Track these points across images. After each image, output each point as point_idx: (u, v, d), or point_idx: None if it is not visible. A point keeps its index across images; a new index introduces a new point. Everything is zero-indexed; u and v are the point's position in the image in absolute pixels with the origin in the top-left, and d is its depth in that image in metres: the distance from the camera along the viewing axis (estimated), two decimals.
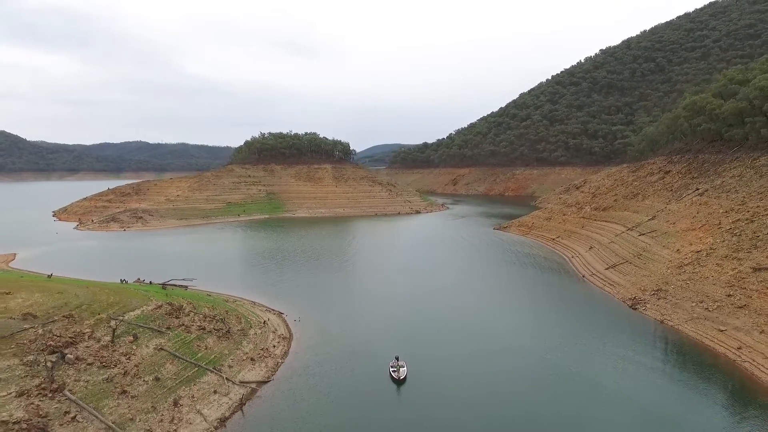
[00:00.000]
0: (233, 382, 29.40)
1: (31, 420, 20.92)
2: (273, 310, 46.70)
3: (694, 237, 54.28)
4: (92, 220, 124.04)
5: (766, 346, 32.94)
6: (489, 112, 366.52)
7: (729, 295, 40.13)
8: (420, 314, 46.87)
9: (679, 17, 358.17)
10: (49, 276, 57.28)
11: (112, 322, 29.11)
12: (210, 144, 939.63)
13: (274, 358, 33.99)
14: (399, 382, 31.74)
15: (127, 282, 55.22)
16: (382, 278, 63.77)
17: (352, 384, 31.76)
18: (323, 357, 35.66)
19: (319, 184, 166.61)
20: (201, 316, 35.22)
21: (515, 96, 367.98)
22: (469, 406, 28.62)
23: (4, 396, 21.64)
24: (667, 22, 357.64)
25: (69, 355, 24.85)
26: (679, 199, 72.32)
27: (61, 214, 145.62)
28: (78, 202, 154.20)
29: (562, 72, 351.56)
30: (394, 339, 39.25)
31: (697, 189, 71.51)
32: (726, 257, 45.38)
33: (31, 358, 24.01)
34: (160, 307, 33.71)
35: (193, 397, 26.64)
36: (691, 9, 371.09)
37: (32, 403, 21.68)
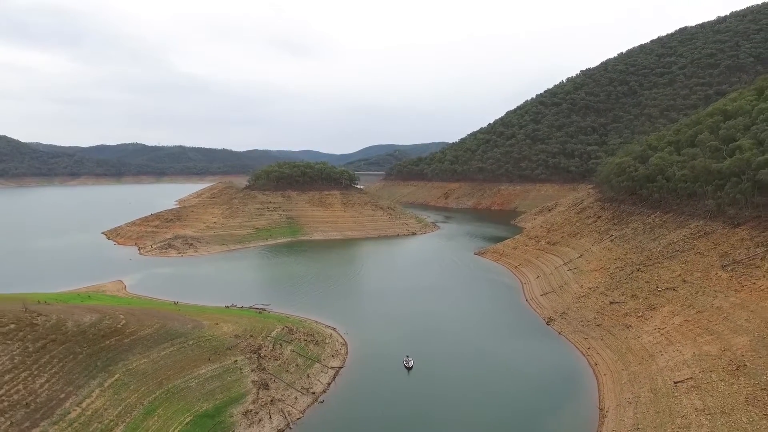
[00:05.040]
0: (328, 367, 59.12)
1: (260, 380, 50.48)
2: (329, 326, 76.27)
3: (593, 277, 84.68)
4: (151, 246, 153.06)
5: (600, 348, 63.19)
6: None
7: (595, 318, 70.48)
8: (417, 325, 76.75)
9: (652, 41, 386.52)
10: (175, 303, 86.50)
11: (268, 338, 58.75)
12: (207, 146, 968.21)
13: (342, 355, 63.74)
14: (409, 369, 61.13)
15: (229, 307, 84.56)
16: (392, 298, 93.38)
17: (384, 369, 61.42)
18: (367, 355, 65.44)
19: (330, 209, 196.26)
20: (302, 333, 64.84)
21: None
22: (448, 382, 58.54)
23: (247, 371, 51.25)
24: (641, 46, 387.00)
25: (261, 354, 54.50)
26: (600, 242, 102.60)
27: (116, 237, 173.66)
28: (127, 226, 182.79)
29: (545, 92, 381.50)
30: (404, 343, 68.92)
31: (611, 235, 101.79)
32: (601, 293, 75.79)
33: (248, 355, 53.58)
34: (283, 329, 63.43)
35: (314, 374, 56.35)
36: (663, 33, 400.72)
37: (258, 374, 51.29)
